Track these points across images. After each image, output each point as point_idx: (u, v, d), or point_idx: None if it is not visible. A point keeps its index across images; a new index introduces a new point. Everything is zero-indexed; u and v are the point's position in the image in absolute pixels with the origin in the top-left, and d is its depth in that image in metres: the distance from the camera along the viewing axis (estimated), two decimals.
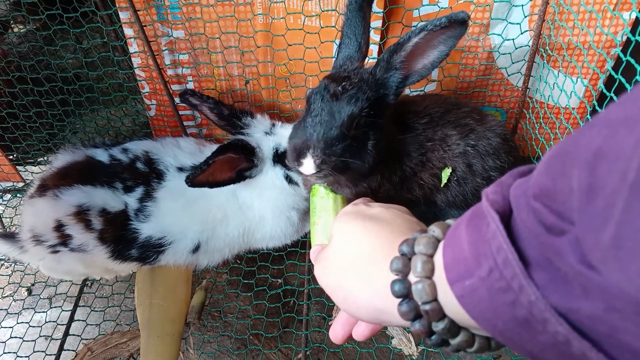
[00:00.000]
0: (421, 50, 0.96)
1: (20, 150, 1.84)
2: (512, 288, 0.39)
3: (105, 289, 1.69)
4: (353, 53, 1.07)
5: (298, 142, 0.96)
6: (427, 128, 1.13)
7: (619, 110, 0.33)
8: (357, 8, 1.06)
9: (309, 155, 0.93)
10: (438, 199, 1.20)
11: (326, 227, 0.91)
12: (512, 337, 0.41)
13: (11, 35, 2.01)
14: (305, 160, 0.94)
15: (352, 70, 1.03)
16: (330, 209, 0.94)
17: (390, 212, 0.67)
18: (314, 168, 0.93)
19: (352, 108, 0.94)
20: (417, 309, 0.50)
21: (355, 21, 1.06)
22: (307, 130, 0.95)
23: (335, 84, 0.97)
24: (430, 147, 1.13)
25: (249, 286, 1.62)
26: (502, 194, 0.44)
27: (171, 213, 1.32)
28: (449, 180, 1.15)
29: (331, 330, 0.71)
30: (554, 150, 0.39)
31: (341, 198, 0.97)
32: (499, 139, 1.18)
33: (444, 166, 1.14)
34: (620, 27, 1.28)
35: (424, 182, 1.15)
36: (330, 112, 0.94)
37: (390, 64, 0.98)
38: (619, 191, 0.30)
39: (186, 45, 1.49)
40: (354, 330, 0.69)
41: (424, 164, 1.13)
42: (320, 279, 0.66)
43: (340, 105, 0.94)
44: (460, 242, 0.45)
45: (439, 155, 1.13)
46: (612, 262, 0.31)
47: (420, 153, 1.12)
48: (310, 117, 0.96)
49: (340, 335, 0.70)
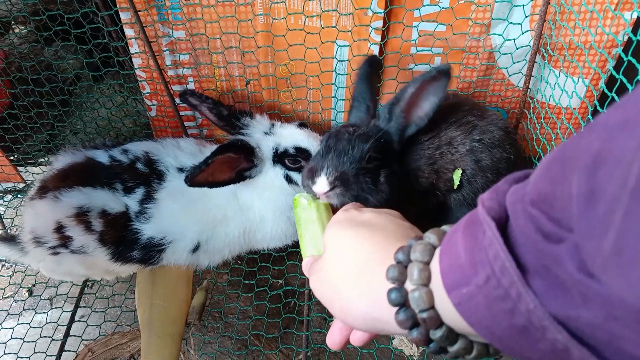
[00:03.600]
0: (416, 101, 1.07)
1: (21, 151, 1.84)
2: (510, 296, 0.39)
3: (106, 290, 1.69)
4: (362, 115, 1.19)
5: (312, 164, 1.06)
6: (432, 137, 1.16)
7: (619, 113, 0.32)
8: (365, 77, 1.20)
9: (322, 174, 1.01)
10: (449, 200, 1.22)
11: (314, 238, 0.89)
12: (510, 344, 0.41)
13: (12, 35, 2.01)
14: (318, 178, 1.01)
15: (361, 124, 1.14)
16: (315, 219, 0.92)
17: (383, 218, 0.66)
18: (327, 185, 0.99)
19: (364, 144, 1.04)
20: (414, 317, 0.49)
21: (364, 88, 1.19)
22: (322, 157, 1.05)
23: (347, 128, 1.09)
24: (439, 155, 1.15)
25: (249, 287, 1.62)
26: (497, 200, 0.44)
27: (171, 213, 1.32)
28: (460, 181, 1.17)
29: (328, 336, 0.70)
30: (552, 154, 0.38)
31: (324, 206, 0.96)
32: (502, 131, 1.20)
33: (454, 168, 1.16)
34: (621, 27, 1.27)
35: (439, 191, 1.20)
36: (345, 145, 1.04)
37: (391, 116, 1.09)
38: (619, 197, 0.29)
39: (187, 46, 1.49)
40: (351, 336, 0.69)
41: (437, 173, 1.16)
42: (316, 290, 0.65)
43: (353, 141, 1.04)
44: (457, 249, 0.45)
45: (448, 159, 1.16)
46: (612, 270, 0.31)
47: (432, 164, 1.15)
48: (324, 149, 1.06)
49: (338, 341, 0.69)
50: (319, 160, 1.05)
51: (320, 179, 1.00)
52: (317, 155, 1.09)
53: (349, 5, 1.35)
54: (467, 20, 1.36)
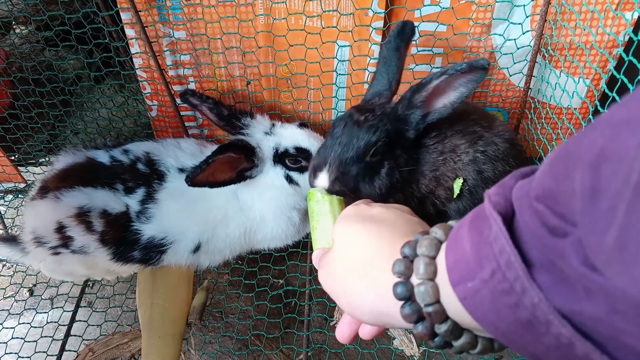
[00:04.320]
0: (442, 90, 1.03)
1: (21, 151, 1.84)
2: (515, 290, 0.39)
3: (107, 290, 1.70)
4: (383, 90, 1.14)
5: (317, 157, 1.07)
6: (437, 142, 1.14)
7: (622, 111, 0.33)
8: (394, 48, 1.12)
9: (324, 170, 1.03)
10: (449, 209, 1.20)
11: (325, 230, 0.91)
12: (515, 339, 0.41)
13: (13, 36, 2.01)
14: (320, 174, 1.03)
15: (377, 104, 1.10)
16: (327, 212, 0.94)
17: (391, 212, 0.66)
18: (327, 182, 1.02)
19: (370, 136, 1.02)
20: (419, 312, 0.49)
21: (390, 60, 1.13)
22: (326, 150, 1.05)
23: (360, 113, 1.05)
24: (442, 161, 1.13)
25: (250, 287, 1.62)
26: (504, 195, 0.44)
27: (172, 214, 1.32)
28: (461, 191, 1.15)
29: (337, 329, 0.70)
30: (556, 151, 0.39)
31: (337, 200, 0.97)
32: (507, 144, 1.17)
33: (455, 177, 1.14)
34: (622, 27, 1.28)
35: (438, 199, 1.18)
36: (350, 137, 1.03)
37: (412, 103, 1.04)
38: (622, 193, 0.30)
39: (187, 46, 1.49)
40: (360, 329, 0.69)
41: (438, 180, 1.15)
42: (325, 283, 0.66)
43: (360, 132, 1.03)
44: (463, 244, 0.45)
45: (450, 167, 1.14)
46: (615, 265, 0.31)
47: (434, 170, 1.14)
48: (331, 139, 1.05)
49: (347, 334, 0.69)
50: (323, 151, 1.06)
51: (322, 174, 1.03)
52: (323, 145, 1.09)
53: (350, 5, 1.35)
54: (468, 20, 1.37)
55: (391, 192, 1.10)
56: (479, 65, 0.95)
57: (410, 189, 1.15)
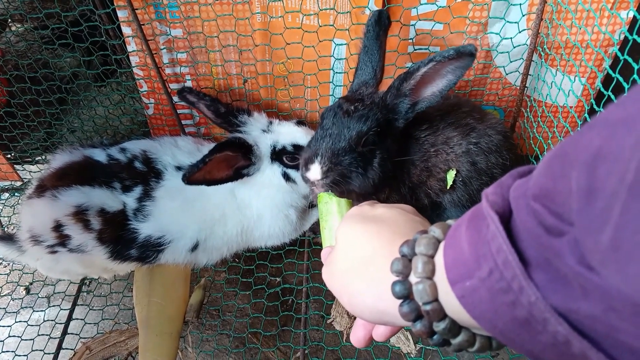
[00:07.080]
0: (430, 78, 1.02)
1: (18, 149, 1.83)
2: (512, 289, 0.39)
3: (104, 288, 1.69)
4: (368, 79, 1.14)
5: (308, 150, 1.05)
6: (429, 134, 1.15)
7: (618, 110, 0.33)
8: (374, 37, 1.13)
9: (316, 162, 1.01)
10: (444, 200, 1.21)
11: (332, 229, 0.93)
12: (512, 337, 0.42)
13: (9, 33, 2.00)
14: (312, 166, 1.02)
15: (366, 94, 1.10)
16: (335, 211, 0.96)
17: (393, 212, 0.67)
18: (320, 174, 1.01)
19: (361, 126, 1.02)
20: (418, 310, 0.50)
21: (372, 49, 1.14)
22: (317, 142, 1.04)
23: (349, 103, 1.05)
24: (433, 152, 1.14)
25: (247, 285, 1.62)
26: (501, 194, 0.44)
27: (170, 212, 1.32)
28: (454, 182, 1.15)
29: (352, 333, 0.71)
30: (553, 151, 0.39)
31: (345, 201, 0.99)
32: (500, 136, 1.18)
33: (448, 168, 1.15)
34: (617, 26, 1.28)
35: (431, 190, 1.18)
36: (341, 127, 1.02)
37: (400, 91, 1.05)
38: (618, 193, 0.30)
39: (184, 44, 1.49)
40: (374, 331, 0.69)
41: (430, 170, 1.15)
42: (327, 282, 0.67)
43: (351, 122, 1.02)
44: (461, 243, 0.45)
45: (442, 158, 1.14)
46: (610, 264, 0.31)
47: (425, 160, 1.14)
48: (321, 130, 1.05)
49: (362, 336, 0.69)
50: (314, 143, 1.05)
51: (314, 165, 1.02)
52: (313, 138, 1.08)
53: (347, 3, 1.35)
54: (465, 18, 1.37)
55: (384, 183, 1.09)
56: (466, 52, 0.95)
57: (402, 178, 1.15)
